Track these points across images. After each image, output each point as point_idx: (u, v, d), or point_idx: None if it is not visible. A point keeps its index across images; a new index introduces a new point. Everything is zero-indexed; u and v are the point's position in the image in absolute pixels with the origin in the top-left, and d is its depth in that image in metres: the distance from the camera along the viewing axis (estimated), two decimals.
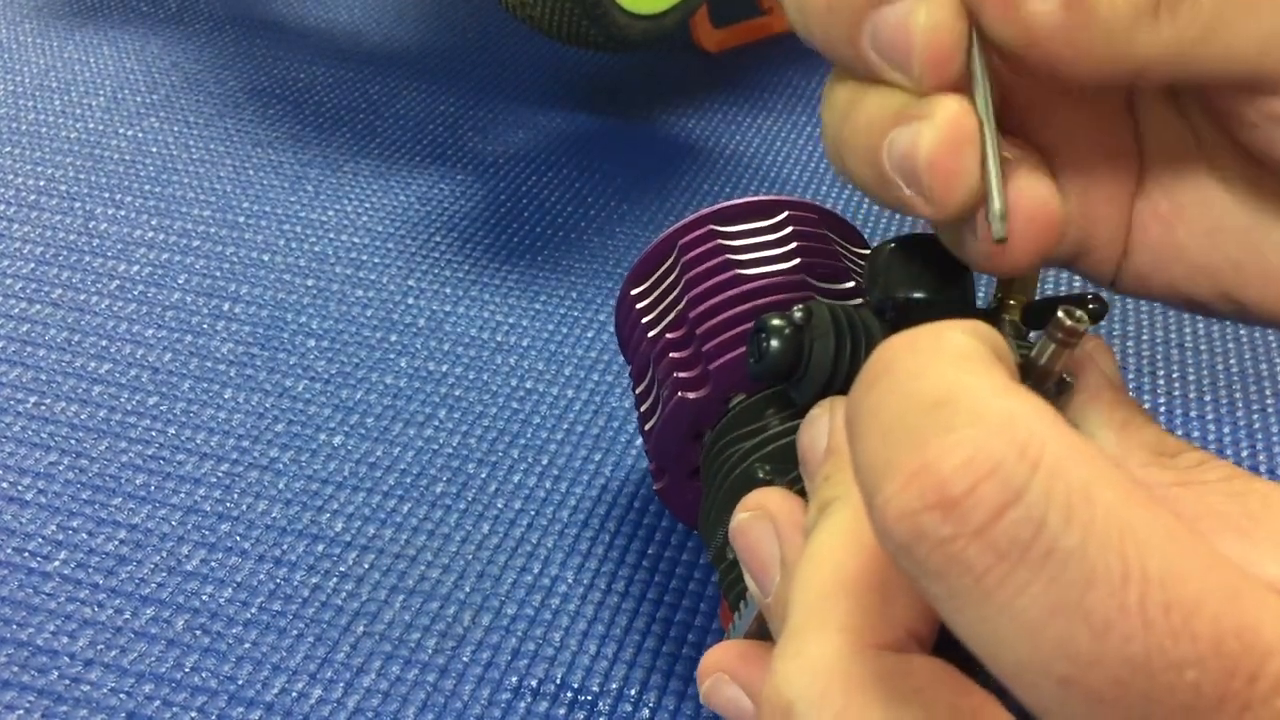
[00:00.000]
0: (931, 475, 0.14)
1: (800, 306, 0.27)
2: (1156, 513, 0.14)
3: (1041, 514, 0.14)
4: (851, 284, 0.43)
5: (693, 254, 0.44)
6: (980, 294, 0.28)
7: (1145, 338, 0.64)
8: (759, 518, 0.23)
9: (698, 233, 0.45)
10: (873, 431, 0.16)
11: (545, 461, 0.54)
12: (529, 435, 0.56)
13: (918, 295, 0.26)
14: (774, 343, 0.26)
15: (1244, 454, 0.56)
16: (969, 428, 0.15)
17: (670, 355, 0.42)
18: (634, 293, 0.47)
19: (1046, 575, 0.14)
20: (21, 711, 0.42)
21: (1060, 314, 0.20)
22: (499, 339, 0.62)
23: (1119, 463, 0.20)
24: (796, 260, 0.43)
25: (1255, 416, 0.59)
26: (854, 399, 0.17)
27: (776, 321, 0.26)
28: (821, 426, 0.23)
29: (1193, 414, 0.59)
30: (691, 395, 0.40)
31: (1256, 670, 0.13)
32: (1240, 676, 0.13)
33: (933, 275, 0.26)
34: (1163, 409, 0.59)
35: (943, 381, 0.15)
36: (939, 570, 0.14)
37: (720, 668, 0.23)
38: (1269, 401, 0.60)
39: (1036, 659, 0.14)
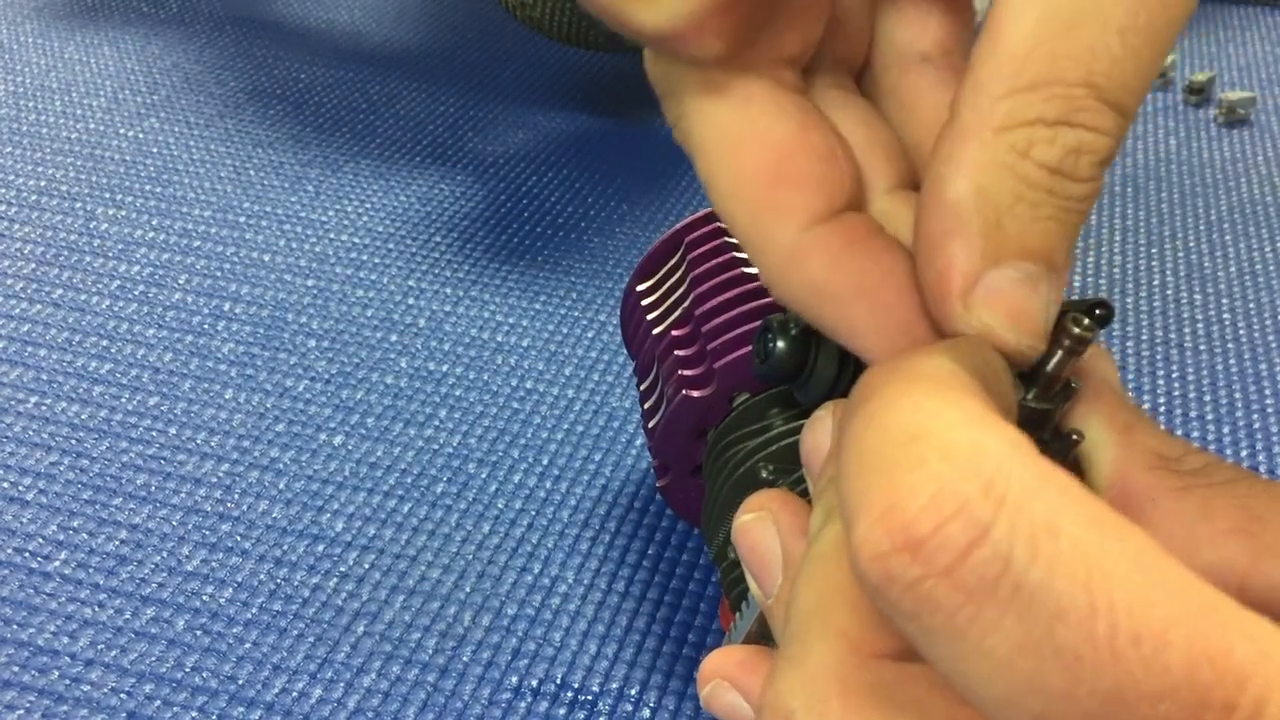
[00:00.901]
0: (899, 515, 0.14)
1: None
2: (1126, 538, 0.14)
3: (1007, 551, 0.14)
4: None
5: (699, 251, 0.44)
6: None
7: (1145, 338, 0.64)
8: (762, 519, 0.23)
9: (704, 230, 0.45)
10: (851, 463, 0.16)
11: (546, 461, 0.54)
12: (529, 435, 0.56)
13: None
14: (780, 343, 0.25)
15: (1244, 454, 0.57)
16: (936, 463, 0.15)
17: (675, 353, 0.42)
18: (639, 289, 0.47)
19: (1014, 612, 0.14)
20: (22, 711, 0.42)
21: (1069, 321, 0.20)
22: (499, 339, 0.62)
23: (1122, 470, 0.20)
24: None
25: (1255, 416, 0.59)
26: (842, 424, 0.17)
27: (783, 321, 0.26)
28: (825, 429, 0.22)
29: (1193, 414, 0.59)
30: (696, 393, 0.40)
31: (1232, 699, 0.13)
32: (1215, 707, 0.13)
33: None
34: (1163, 409, 0.59)
35: (916, 413, 0.15)
36: (911, 611, 0.14)
37: (719, 674, 0.23)
38: (1269, 401, 0.60)
39: (1011, 696, 0.14)
